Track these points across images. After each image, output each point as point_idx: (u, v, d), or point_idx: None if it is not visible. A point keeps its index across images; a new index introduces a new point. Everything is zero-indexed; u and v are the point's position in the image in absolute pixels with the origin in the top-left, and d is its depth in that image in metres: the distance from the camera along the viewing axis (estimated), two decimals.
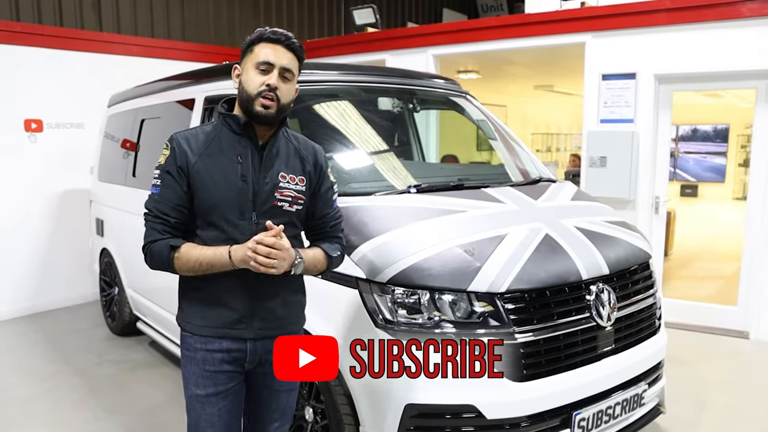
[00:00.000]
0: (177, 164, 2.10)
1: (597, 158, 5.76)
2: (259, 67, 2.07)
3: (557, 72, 8.58)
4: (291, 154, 2.23)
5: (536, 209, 3.38)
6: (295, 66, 2.14)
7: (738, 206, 13.31)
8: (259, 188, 2.12)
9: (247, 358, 2.22)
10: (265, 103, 2.06)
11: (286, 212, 2.16)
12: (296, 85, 2.20)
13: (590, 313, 2.92)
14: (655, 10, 5.47)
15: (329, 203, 2.32)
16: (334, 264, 2.33)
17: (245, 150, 2.14)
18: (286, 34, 2.12)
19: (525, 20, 6.12)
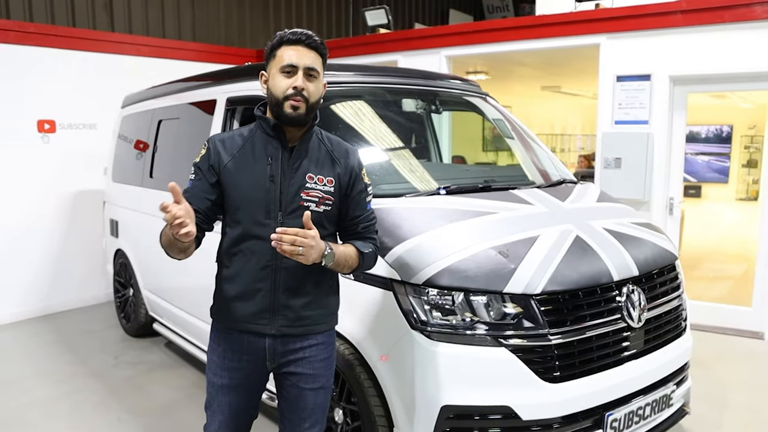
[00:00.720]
0: (209, 162, 2.22)
1: (612, 159, 5.77)
2: (283, 71, 2.14)
3: (566, 73, 8.59)
4: (322, 155, 2.27)
5: (564, 211, 3.38)
6: (319, 63, 2.19)
7: (742, 207, 13.37)
8: (285, 188, 2.18)
9: (267, 356, 2.27)
10: (294, 104, 2.12)
11: (313, 212, 2.17)
12: (323, 81, 2.24)
13: (621, 314, 2.93)
14: (671, 11, 5.48)
15: (362, 205, 2.34)
16: (366, 261, 2.34)
17: (276, 151, 2.21)
18: (307, 33, 2.17)
19: (540, 22, 6.13)
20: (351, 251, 2.27)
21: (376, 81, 3.93)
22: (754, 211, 12.81)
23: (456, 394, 2.66)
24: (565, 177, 4.04)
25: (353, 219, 2.33)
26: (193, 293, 4.41)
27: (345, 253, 2.24)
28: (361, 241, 2.33)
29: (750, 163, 13.97)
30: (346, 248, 2.26)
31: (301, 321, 2.26)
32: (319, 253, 2.08)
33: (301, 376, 2.30)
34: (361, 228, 2.35)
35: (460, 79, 4.58)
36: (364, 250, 2.31)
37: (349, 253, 2.26)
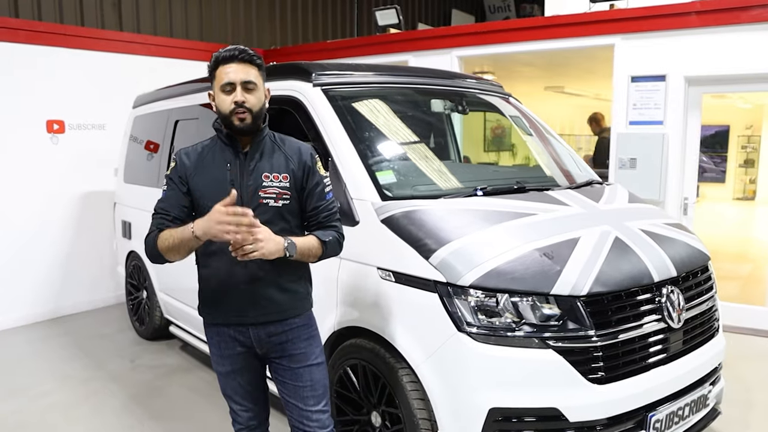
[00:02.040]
0: (178, 173, 2.44)
1: (627, 160, 5.78)
2: (224, 90, 2.35)
3: (572, 73, 8.61)
4: (275, 154, 2.48)
5: (600, 212, 3.38)
6: (256, 74, 2.38)
7: (740, 206, 13.46)
8: (245, 189, 2.39)
9: (255, 344, 2.51)
10: (240, 117, 2.34)
11: (272, 207, 2.40)
12: (265, 88, 2.46)
13: (662, 315, 2.93)
14: (687, 12, 5.49)
15: (320, 195, 2.52)
16: (329, 249, 2.51)
17: (232, 157, 2.43)
18: (239, 48, 2.37)
19: (554, 22, 6.12)
20: (312, 240, 2.45)
21: (404, 81, 3.92)
22: (753, 211, 12.93)
23: (504, 396, 2.64)
24: (592, 178, 4.03)
25: (313, 210, 2.51)
26: None
27: (306, 243, 2.42)
28: (321, 231, 2.51)
29: (747, 163, 14.10)
30: (306, 239, 2.44)
31: (274, 307, 2.47)
32: (277, 246, 2.27)
33: (291, 357, 2.53)
34: (323, 218, 2.53)
35: (483, 80, 4.57)
36: (324, 239, 2.48)
37: (311, 243, 2.45)
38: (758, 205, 13.55)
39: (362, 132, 3.47)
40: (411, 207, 3.02)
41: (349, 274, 3.16)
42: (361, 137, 3.39)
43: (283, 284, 2.49)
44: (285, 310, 2.51)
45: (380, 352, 2.99)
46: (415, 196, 3.16)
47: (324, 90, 3.55)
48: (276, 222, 2.39)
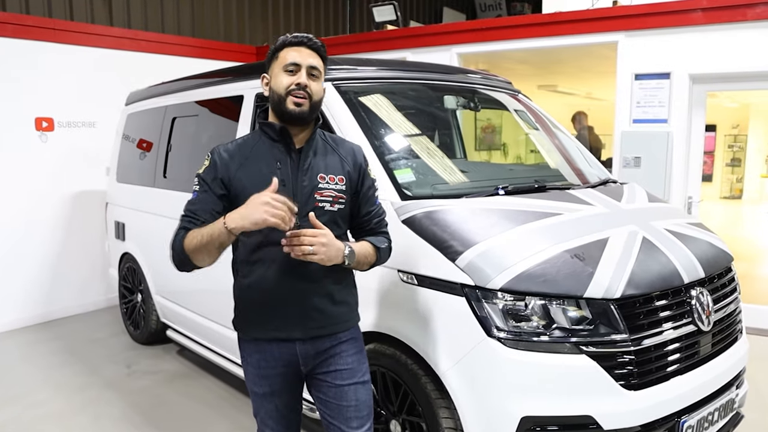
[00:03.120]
0: (217, 175, 2.20)
1: (631, 158, 5.71)
2: (287, 69, 2.17)
3: (568, 72, 8.55)
4: (329, 155, 2.30)
5: (624, 211, 3.28)
6: (320, 65, 2.23)
7: (728, 205, 13.53)
8: (298, 191, 2.19)
9: (300, 360, 2.30)
10: (297, 101, 2.14)
11: (327, 212, 2.22)
12: (323, 85, 2.28)
13: (692, 317, 2.84)
14: (691, 9, 5.43)
15: (372, 200, 2.39)
16: (382, 256, 2.38)
17: (283, 155, 2.22)
18: (308, 36, 2.22)
19: (557, 19, 6.04)
20: (368, 248, 2.31)
21: (416, 77, 3.80)
22: (741, 210, 13.00)
23: (536, 404, 2.53)
24: (608, 176, 3.95)
25: (366, 215, 2.37)
26: (215, 298, 4.21)
27: (363, 250, 2.27)
28: (374, 237, 2.38)
29: (733, 161, 14.19)
30: (363, 246, 2.29)
31: (327, 320, 2.28)
32: (337, 253, 2.11)
33: (336, 373, 2.32)
34: (374, 223, 2.39)
35: (493, 76, 4.46)
36: (379, 246, 2.35)
37: (368, 250, 2.30)
38: (745, 203, 13.64)
39: (377, 129, 3.34)
40: (432, 207, 2.90)
41: (367, 277, 3.03)
42: (376, 134, 3.27)
43: (335, 295, 2.30)
44: (337, 323, 2.31)
45: (401, 359, 2.87)
46: (435, 196, 3.05)
47: (336, 86, 3.42)
48: (329, 227, 2.14)
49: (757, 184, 14.08)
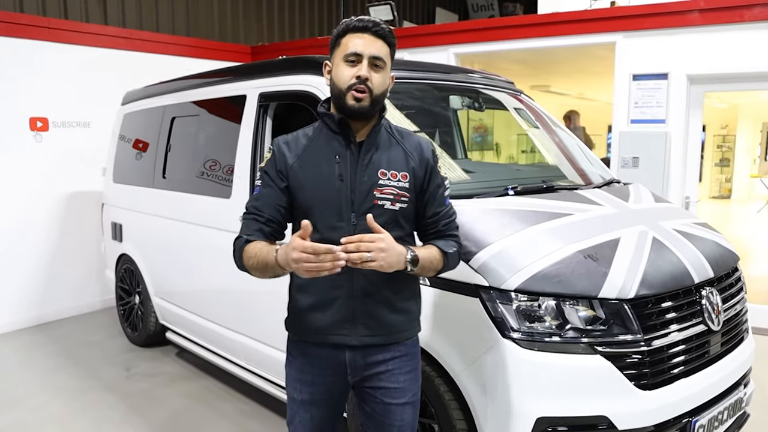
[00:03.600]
0: (276, 167, 2.11)
1: (629, 158, 5.73)
2: (347, 60, 2.01)
3: (563, 72, 8.58)
4: (393, 149, 2.12)
5: (633, 212, 3.29)
6: (386, 53, 2.06)
7: (717, 205, 13.63)
8: (356, 187, 2.04)
9: (349, 370, 2.13)
10: (357, 96, 1.99)
11: (387, 211, 2.05)
12: (390, 74, 2.11)
13: (702, 317, 2.85)
14: (689, 10, 5.46)
15: (440, 200, 2.18)
16: (450, 262, 2.17)
17: (343, 149, 2.07)
18: (374, 21, 2.04)
19: (556, 19, 6.05)
20: (435, 252, 2.11)
21: (421, 77, 3.79)
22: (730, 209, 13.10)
23: (551, 405, 2.53)
24: (613, 177, 3.95)
25: (433, 216, 2.17)
26: (217, 299, 4.18)
27: (428, 255, 2.08)
28: (442, 240, 2.18)
29: (722, 161, 14.31)
30: (428, 250, 2.10)
31: (383, 329, 2.11)
32: (398, 258, 1.93)
33: (386, 390, 2.15)
34: (442, 225, 2.18)
35: (496, 76, 4.46)
36: (447, 250, 2.14)
37: (434, 255, 2.10)
38: (734, 203, 13.76)
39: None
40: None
41: None
42: None
43: (395, 302, 2.12)
44: (394, 333, 2.13)
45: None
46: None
47: None
48: (390, 228, 1.99)
49: (745, 183, 14.20)
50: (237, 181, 3.93)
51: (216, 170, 4.18)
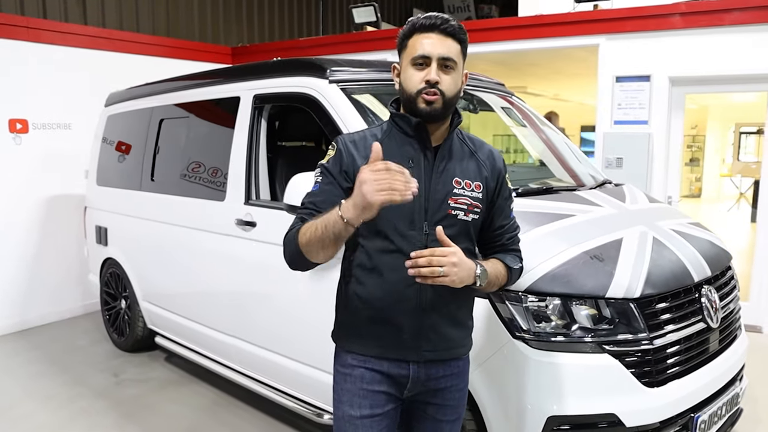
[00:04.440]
0: (341, 167, 1.96)
1: (613, 159, 5.83)
2: (415, 63, 1.90)
3: (541, 74, 8.67)
4: (466, 157, 2.03)
5: (631, 212, 3.35)
6: (457, 52, 1.92)
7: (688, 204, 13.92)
8: (431, 195, 1.94)
9: (409, 384, 2.03)
10: (428, 99, 1.87)
11: (460, 222, 1.96)
12: (464, 71, 1.99)
13: (702, 315, 2.91)
14: (670, 13, 5.57)
15: (507, 213, 2.12)
16: (513, 277, 2.14)
17: (417, 153, 1.95)
18: (442, 17, 1.91)
19: (540, 22, 6.12)
20: (500, 268, 2.06)
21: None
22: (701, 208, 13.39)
23: (561, 403, 2.56)
24: (605, 178, 4.02)
25: (498, 229, 2.10)
26: (209, 302, 4.14)
27: (495, 270, 2.02)
28: (508, 255, 2.12)
29: (692, 161, 14.64)
30: (494, 264, 2.04)
31: (445, 344, 2.03)
32: (469, 273, 1.86)
33: (439, 408, 2.10)
34: (507, 239, 2.12)
35: (488, 78, 4.49)
36: (513, 266, 2.10)
37: (499, 270, 2.05)
38: (704, 202, 14.08)
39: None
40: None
41: None
42: None
43: (458, 316, 2.05)
44: (454, 348, 2.06)
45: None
46: None
47: (341, 87, 3.41)
48: (461, 240, 1.92)
49: (715, 183, 14.54)
50: (231, 184, 3.89)
51: (208, 172, 4.14)
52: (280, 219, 3.40)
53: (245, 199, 3.80)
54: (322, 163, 2.01)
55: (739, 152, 14.52)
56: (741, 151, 14.61)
